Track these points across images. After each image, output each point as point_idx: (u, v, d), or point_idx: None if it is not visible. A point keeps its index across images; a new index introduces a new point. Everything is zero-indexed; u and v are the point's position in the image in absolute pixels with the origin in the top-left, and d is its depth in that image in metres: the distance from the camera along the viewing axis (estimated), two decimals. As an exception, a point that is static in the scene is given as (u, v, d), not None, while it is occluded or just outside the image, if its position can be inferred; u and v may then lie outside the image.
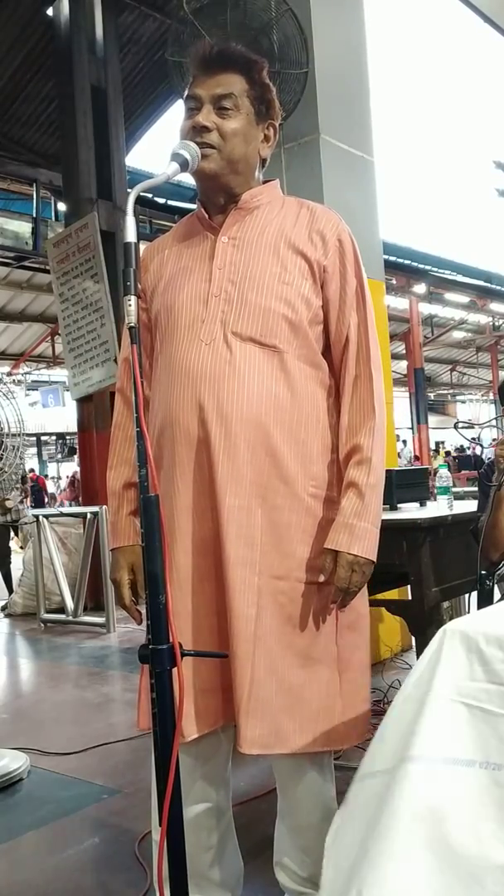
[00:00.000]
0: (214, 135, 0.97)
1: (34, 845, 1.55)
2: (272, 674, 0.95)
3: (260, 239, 1.01)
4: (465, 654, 0.70)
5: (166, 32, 4.69)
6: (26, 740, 2.13)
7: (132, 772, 1.88)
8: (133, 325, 0.78)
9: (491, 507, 1.46)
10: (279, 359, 0.98)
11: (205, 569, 0.98)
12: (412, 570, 1.72)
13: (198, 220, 1.06)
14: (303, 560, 0.98)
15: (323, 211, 1.04)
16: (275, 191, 1.07)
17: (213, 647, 0.97)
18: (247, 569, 0.95)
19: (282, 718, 0.95)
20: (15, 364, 12.77)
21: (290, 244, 1.00)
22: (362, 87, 2.88)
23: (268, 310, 0.98)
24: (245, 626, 0.94)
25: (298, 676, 0.97)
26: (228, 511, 0.95)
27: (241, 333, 0.97)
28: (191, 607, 0.98)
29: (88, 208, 4.43)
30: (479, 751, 0.66)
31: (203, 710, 0.98)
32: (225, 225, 1.02)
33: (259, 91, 1.00)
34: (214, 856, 1.05)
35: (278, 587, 0.97)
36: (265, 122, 1.02)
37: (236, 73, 0.98)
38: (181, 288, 1.02)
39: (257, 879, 1.19)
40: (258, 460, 0.96)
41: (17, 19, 4.78)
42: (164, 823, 0.73)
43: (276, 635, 0.96)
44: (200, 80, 0.99)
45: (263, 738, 0.94)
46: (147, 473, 0.76)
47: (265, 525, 0.96)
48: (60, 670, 3.13)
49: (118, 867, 1.43)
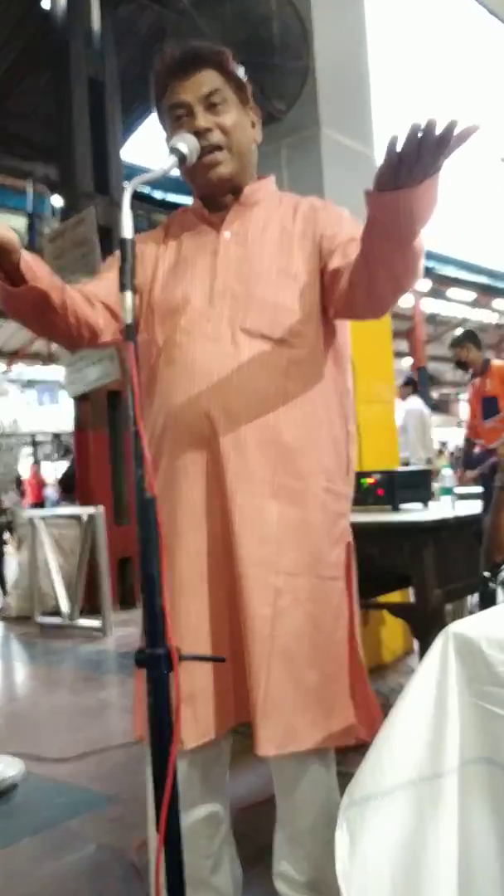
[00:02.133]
0: (217, 134, 0.97)
1: (29, 852, 1.53)
2: (289, 673, 0.95)
3: (263, 234, 1.01)
4: (468, 656, 0.69)
5: (164, 24, 4.65)
6: (21, 746, 2.11)
7: (129, 778, 1.85)
8: (129, 324, 0.76)
9: (494, 509, 1.43)
10: (288, 353, 0.97)
11: (215, 569, 0.97)
12: (415, 572, 1.70)
13: (194, 215, 1.05)
14: (319, 556, 0.97)
15: (322, 202, 1.05)
16: (271, 186, 1.08)
17: (228, 648, 0.96)
18: (262, 568, 0.94)
19: (296, 717, 0.94)
20: (10, 361, 12.73)
21: (293, 238, 1.00)
22: (363, 80, 2.86)
23: (276, 304, 0.97)
24: (260, 627, 0.94)
25: (316, 674, 0.96)
26: (240, 510, 0.94)
27: (249, 329, 0.96)
28: (202, 609, 0.96)
29: (85, 203, 4.39)
30: (490, 751, 0.67)
31: (204, 718, 0.96)
32: (226, 221, 1.02)
33: (233, 78, 0.99)
34: (213, 864, 1.05)
35: (297, 584, 0.96)
36: (247, 107, 1.03)
37: (210, 68, 0.97)
38: (183, 283, 1.01)
39: (256, 887, 1.17)
40: (269, 457, 0.95)
41: (14, 12, 4.73)
42: (162, 831, 0.72)
43: (296, 634, 0.95)
44: (179, 86, 0.97)
45: (279, 737, 0.94)
46: (144, 474, 0.74)
47: (280, 523, 0.95)
48: (56, 674, 3.11)
49: (114, 875, 1.42)
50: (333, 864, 0.99)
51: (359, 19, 2.89)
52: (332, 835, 0.99)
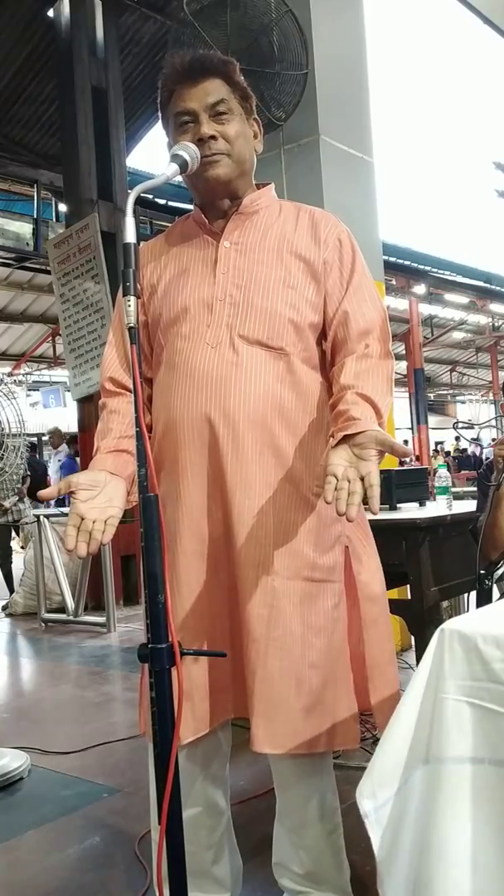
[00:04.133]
0: (221, 142, 0.98)
1: (34, 844, 1.56)
2: (285, 673, 0.95)
3: (262, 243, 1.02)
4: (464, 653, 0.69)
5: (167, 34, 4.70)
6: (27, 739, 2.14)
7: (132, 771, 1.88)
8: (133, 326, 0.78)
9: (490, 507, 1.46)
10: (285, 361, 0.98)
11: (213, 570, 0.98)
12: (411, 569, 1.72)
13: (195, 223, 1.06)
14: (311, 559, 0.98)
15: (322, 214, 1.05)
16: (271, 194, 1.08)
17: (227, 648, 0.97)
18: (259, 569, 0.96)
19: (294, 717, 0.95)
20: (16, 365, 12.77)
21: (293, 248, 1.01)
22: (362, 88, 2.88)
23: (274, 313, 0.98)
24: (256, 627, 0.95)
25: (314, 676, 0.96)
26: (239, 512, 0.96)
27: (247, 336, 0.98)
28: (199, 607, 0.98)
29: (89, 209, 4.44)
30: (489, 748, 0.66)
31: (202, 712, 0.98)
32: (226, 230, 1.03)
33: (240, 91, 1.01)
34: (214, 855, 1.06)
35: (292, 587, 0.97)
36: (251, 119, 1.04)
37: (217, 77, 0.99)
38: (184, 292, 1.02)
39: (256, 878, 1.20)
40: (265, 461, 0.97)
41: (18, 20, 4.78)
42: (163, 822, 0.74)
43: (294, 636, 0.96)
44: (186, 93, 0.98)
45: (276, 737, 0.94)
46: (146, 473, 0.76)
47: (275, 525, 0.97)
48: (61, 669, 3.13)
49: (118, 866, 1.44)
50: (331, 858, 1.04)
51: (358, 27, 2.90)
52: (329, 829, 1.03)
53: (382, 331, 1.01)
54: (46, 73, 5.07)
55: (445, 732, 0.68)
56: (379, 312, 1.02)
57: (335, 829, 1.05)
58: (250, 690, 0.95)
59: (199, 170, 0.97)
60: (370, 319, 1.00)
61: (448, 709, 0.68)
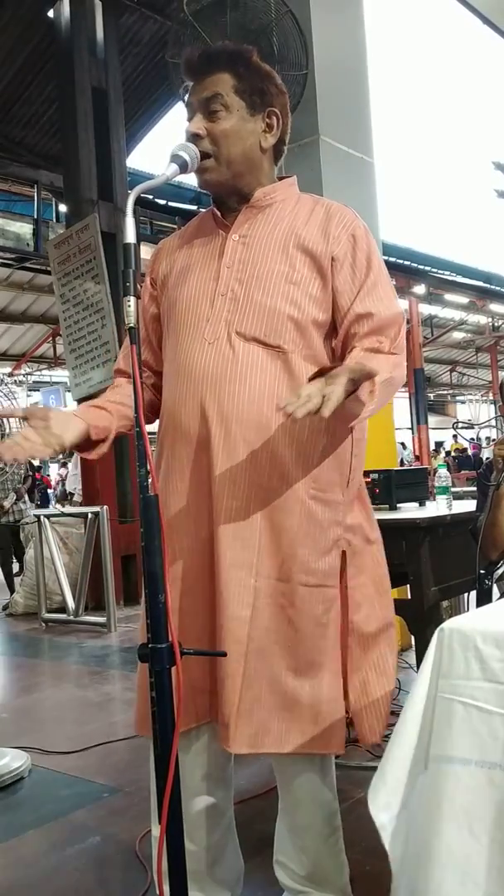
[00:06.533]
0: (206, 141, 0.96)
1: (35, 844, 1.56)
2: (264, 675, 0.94)
3: (270, 237, 0.99)
4: (462, 652, 0.69)
5: (166, 34, 4.70)
6: (27, 739, 2.14)
7: (133, 770, 1.88)
8: (133, 326, 0.78)
9: (490, 507, 1.46)
10: (283, 359, 0.96)
11: (200, 570, 0.98)
12: (411, 569, 1.72)
13: (211, 217, 1.04)
14: (304, 562, 0.96)
15: (338, 208, 1.01)
16: (291, 188, 1.05)
17: (204, 647, 0.96)
18: (242, 570, 0.94)
19: (272, 718, 0.94)
20: (16, 365, 12.78)
21: (300, 242, 0.97)
22: (362, 88, 2.88)
23: (273, 310, 0.96)
24: (237, 628, 0.94)
25: (296, 679, 0.95)
26: (225, 513, 0.95)
27: (244, 333, 0.96)
28: (181, 607, 0.97)
29: (89, 209, 4.44)
30: (476, 749, 0.65)
31: (192, 705, 0.97)
32: (236, 223, 1.01)
33: (248, 83, 0.97)
34: (215, 854, 1.05)
35: (279, 589, 0.95)
36: (263, 111, 0.99)
37: (221, 71, 0.96)
38: (188, 285, 1.01)
39: (257, 877, 1.20)
40: (259, 461, 0.94)
41: (18, 21, 4.79)
42: (164, 821, 0.74)
43: (275, 637, 0.95)
44: (192, 89, 0.98)
45: (251, 737, 0.93)
46: (147, 473, 0.76)
47: (265, 527, 0.95)
48: (61, 669, 3.14)
49: (118, 865, 1.44)
50: (331, 859, 1.03)
51: (358, 27, 2.91)
52: (329, 830, 1.03)
53: (396, 332, 0.97)
54: (46, 74, 5.08)
55: (444, 733, 0.67)
56: (394, 313, 0.97)
57: (334, 831, 1.05)
58: (228, 691, 0.93)
59: (196, 172, 0.97)
60: (384, 318, 0.96)
61: (446, 708, 0.68)
